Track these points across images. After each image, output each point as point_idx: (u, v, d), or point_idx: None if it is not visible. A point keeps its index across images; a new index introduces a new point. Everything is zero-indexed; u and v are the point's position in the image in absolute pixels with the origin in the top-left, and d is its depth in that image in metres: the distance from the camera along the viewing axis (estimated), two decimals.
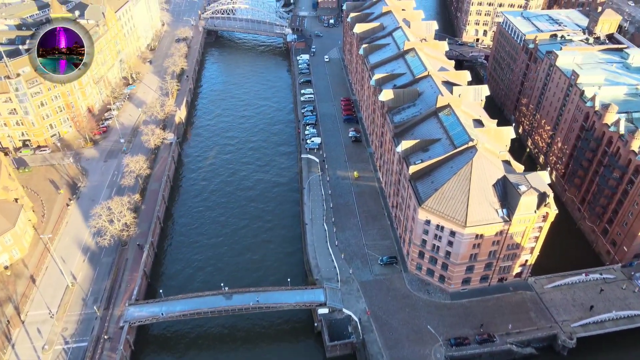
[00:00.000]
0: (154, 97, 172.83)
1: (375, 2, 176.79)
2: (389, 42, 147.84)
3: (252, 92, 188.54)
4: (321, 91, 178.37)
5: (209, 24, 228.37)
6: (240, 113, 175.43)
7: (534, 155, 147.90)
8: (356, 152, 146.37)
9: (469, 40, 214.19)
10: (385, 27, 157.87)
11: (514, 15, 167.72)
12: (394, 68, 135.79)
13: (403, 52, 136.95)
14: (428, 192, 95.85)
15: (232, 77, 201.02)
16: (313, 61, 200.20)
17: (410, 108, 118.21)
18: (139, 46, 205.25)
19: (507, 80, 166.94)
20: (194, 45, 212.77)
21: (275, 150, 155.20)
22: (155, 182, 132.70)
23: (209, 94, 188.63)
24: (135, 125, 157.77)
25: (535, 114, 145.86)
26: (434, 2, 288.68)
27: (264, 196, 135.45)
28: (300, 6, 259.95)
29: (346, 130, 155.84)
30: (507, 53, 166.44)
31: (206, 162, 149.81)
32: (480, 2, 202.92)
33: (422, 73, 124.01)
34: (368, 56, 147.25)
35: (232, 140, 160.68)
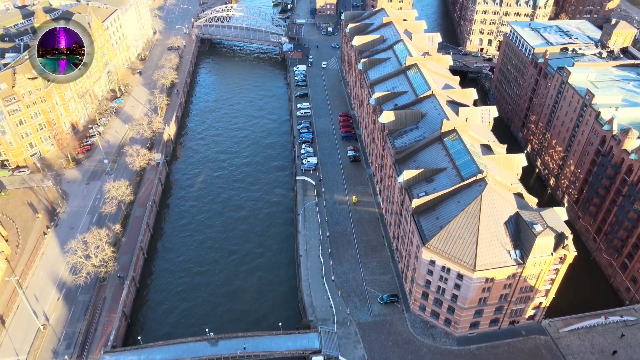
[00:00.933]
0: (143, 112, 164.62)
1: (375, 12, 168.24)
2: (390, 56, 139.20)
3: (246, 105, 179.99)
4: (318, 105, 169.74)
5: (203, 32, 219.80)
6: (233, 128, 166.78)
7: (544, 177, 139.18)
8: (355, 174, 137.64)
9: (473, 49, 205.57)
10: (385, 39, 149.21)
11: (522, 27, 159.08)
12: (395, 85, 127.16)
13: (405, 68, 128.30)
14: (433, 229, 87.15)
15: (225, 88, 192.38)
16: (310, 72, 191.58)
17: (412, 131, 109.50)
18: (128, 56, 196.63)
19: (514, 95, 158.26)
20: (186, 54, 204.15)
21: (269, 169, 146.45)
22: (140, 207, 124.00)
23: (200, 108, 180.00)
24: (121, 143, 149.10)
25: (545, 133, 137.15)
26: (435, 9, 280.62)
27: (256, 222, 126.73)
28: (297, 13, 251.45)
29: (344, 148, 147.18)
30: (514, 66, 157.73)
31: (195, 182, 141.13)
32: (485, 10, 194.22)
33: (426, 92, 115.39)
34: (367, 71, 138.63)
35: (223, 158, 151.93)
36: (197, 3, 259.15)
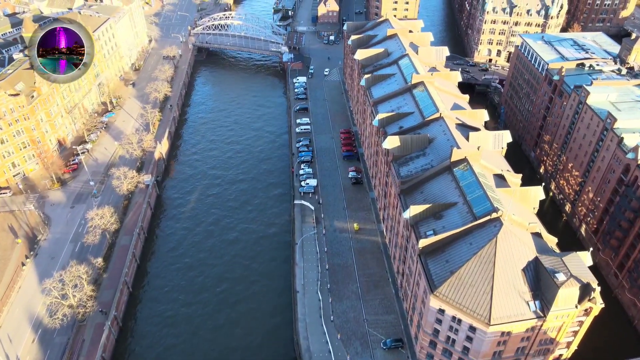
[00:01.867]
0: (134, 127, 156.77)
1: (379, 23, 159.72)
2: (395, 72, 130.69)
3: (243, 119, 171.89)
4: (319, 120, 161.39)
5: (200, 40, 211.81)
6: (228, 143, 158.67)
7: (559, 202, 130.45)
8: (356, 197, 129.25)
9: (481, 60, 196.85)
10: (390, 53, 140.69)
11: (534, 39, 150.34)
12: (400, 105, 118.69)
13: (410, 86, 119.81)
14: (442, 274, 78.64)
15: (222, 101, 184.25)
16: (311, 84, 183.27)
17: (419, 158, 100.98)
18: (121, 67, 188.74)
19: (526, 111, 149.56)
20: (182, 64, 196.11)
21: (266, 190, 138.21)
22: (127, 235, 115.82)
23: (195, 121, 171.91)
24: (110, 162, 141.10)
25: (560, 155, 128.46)
26: (441, 16, 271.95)
27: (249, 248, 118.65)
28: (299, 20, 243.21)
29: (345, 169, 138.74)
30: (526, 81, 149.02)
31: (187, 203, 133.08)
32: (494, 20, 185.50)
33: (433, 114, 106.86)
34: (371, 88, 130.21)
35: (217, 176, 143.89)
36: (195, 9, 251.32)
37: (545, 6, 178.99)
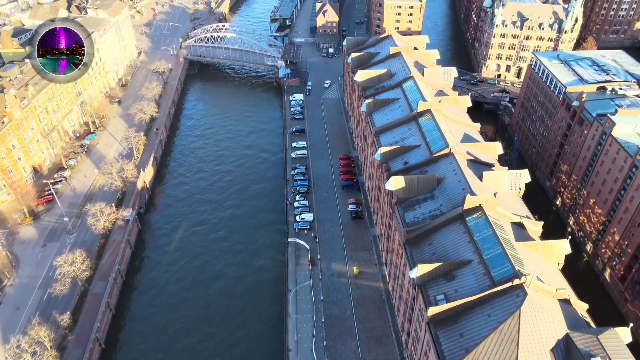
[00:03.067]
0: (118, 151, 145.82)
1: (381, 39, 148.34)
2: (399, 97, 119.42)
3: (235, 141, 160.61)
4: (316, 144, 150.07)
5: (192, 53, 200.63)
6: (219, 168, 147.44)
7: (579, 239, 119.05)
8: (356, 234, 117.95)
9: (489, 75, 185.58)
10: (393, 74, 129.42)
11: (549, 58, 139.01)
12: (404, 135, 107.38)
13: (416, 114, 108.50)
14: (455, 351, 67.19)
15: (213, 119, 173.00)
16: (308, 102, 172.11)
17: (427, 201, 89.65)
18: (107, 82, 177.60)
19: (541, 136, 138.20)
20: (171, 80, 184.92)
21: (258, 222, 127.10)
22: (102, 280, 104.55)
23: (184, 144, 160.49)
24: (89, 192, 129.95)
25: (580, 188, 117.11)
26: (445, 25, 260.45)
27: (239, 299, 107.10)
28: (296, 30, 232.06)
29: (344, 200, 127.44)
30: (540, 103, 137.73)
31: (172, 240, 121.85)
32: (504, 34, 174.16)
33: (442, 149, 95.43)
34: (372, 114, 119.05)
35: (206, 206, 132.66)
36: (188, 19, 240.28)
37: (558, 20, 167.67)
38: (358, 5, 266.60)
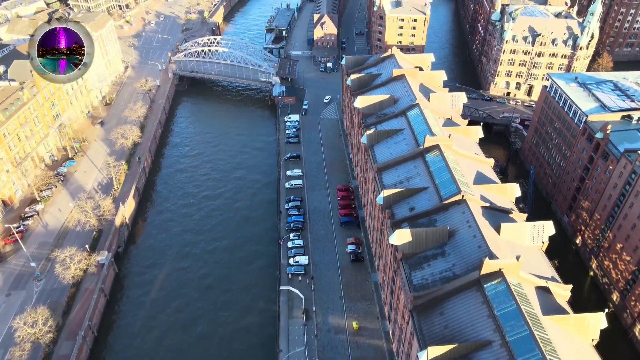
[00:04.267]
0: (97, 180, 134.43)
1: (383, 59, 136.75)
2: (403, 127, 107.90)
3: (225, 165, 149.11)
4: (313, 172, 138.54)
5: (181, 67, 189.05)
6: (208, 198, 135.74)
7: (603, 286, 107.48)
8: (356, 280, 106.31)
9: (498, 93, 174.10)
10: (396, 100, 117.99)
11: (566, 81, 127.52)
12: (410, 174, 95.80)
13: (423, 150, 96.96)
14: None
15: (203, 141, 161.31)
16: (304, 123, 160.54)
17: (437, 259, 78.01)
18: (89, 102, 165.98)
19: (557, 166, 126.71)
20: (159, 98, 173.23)
21: (247, 263, 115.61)
22: (69, 339, 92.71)
23: (171, 169, 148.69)
24: (63, 229, 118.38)
25: (605, 230, 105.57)
26: (448, 36, 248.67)
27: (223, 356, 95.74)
28: (293, 42, 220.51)
29: (343, 239, 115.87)
30: (557, 130, 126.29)
31: (153, 284, 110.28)
32: (514, 50, 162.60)
33: (453, 196, 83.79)
34: (374, 147, 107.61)
35: (192, 242, 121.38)
36: (179, 30, 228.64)
37: (573, 35, 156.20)
38: (358, 14, 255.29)
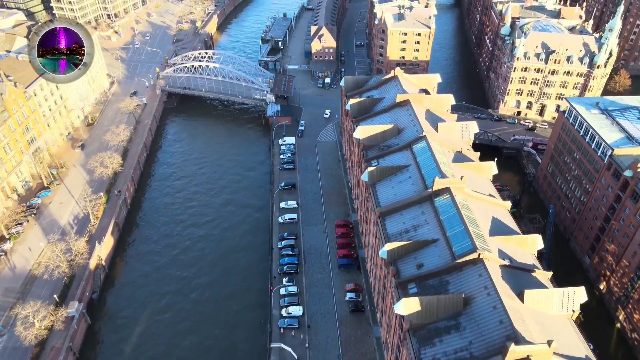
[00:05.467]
0: (73, 213, 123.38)
1: (385, 81, 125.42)
2: (409, 163, 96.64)
3: (215, 194, 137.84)
4: (309, 203, 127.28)
5: (170, 83, 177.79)
6: (193, 233, 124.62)
7: (631, 341, 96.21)
8: (356, 335, 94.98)
9: (507, 112, 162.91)
10: (401, 129, 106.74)
11: (587, 106, 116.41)
12: (417, 222, 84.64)
13: (432, 193, 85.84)
14: None
15: (191, 165, 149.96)
16: (301, 146, 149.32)
17: (452, 335, 66.60)
18: (70, 122, 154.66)
19: (577, 200, 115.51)
20: (145, 118, 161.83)
21: (235, 313, 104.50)
22: None
23: (155, 200, 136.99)
24: (31, 272, 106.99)
25: (635, 280, 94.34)
26: (453, 47, 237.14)
27: None
28: (290, 54, 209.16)
29: (341, 284, 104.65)
30: (576, 161, 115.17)
31: (129, 336, 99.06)
32: (526, 67, 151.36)
33: (468, 253, 72.61)
34: (376, 185, 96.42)
35: (174, 287, 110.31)
36: (170, 41, 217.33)
37: (589, 53, 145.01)
38: (358, 24, 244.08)
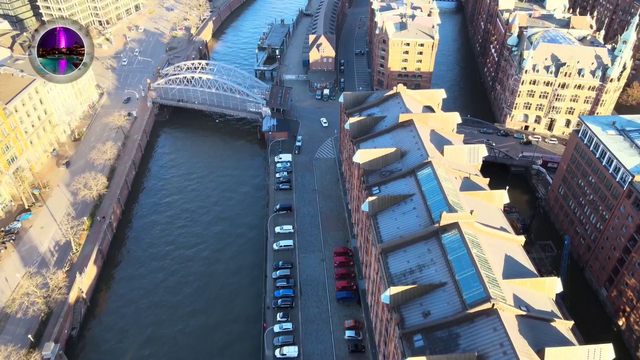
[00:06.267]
0: (55, 240, 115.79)
1: (386, 98, 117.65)
2: (413, 192, 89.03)
3: (207, 216, 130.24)
4: (305, 228, 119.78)
5: (162, 95, 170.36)
6: (182, 263, 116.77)
7: None
8: None
9: (514, 127, 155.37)
10: (404, 153, 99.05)
11: (602, 126, 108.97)
12: (423, 261, 76.99)
13: (439, 229, 78.37)
14: None
15: (182, 182, 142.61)
16: (297, 163, 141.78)
17: None
18: (55, 138, 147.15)
19: (593, 227, 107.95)
20: (135, 132, 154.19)
21: (221, 349, 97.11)
22: None
23: (143, 222, 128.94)
24: (5, 308, 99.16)
25: None
26: (456, 55, 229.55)
27: None
28: (287, 63, 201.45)
29: (340, 320, 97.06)
30: (592, 185, 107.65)
31: None
32: (535, 80, 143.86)
33: (481, 303, 65.05)
34: (378, 216, 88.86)
35: (160, 318, 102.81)
36: (163, 49, 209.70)
37: (602, 66, 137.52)
38: (358, 30, 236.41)
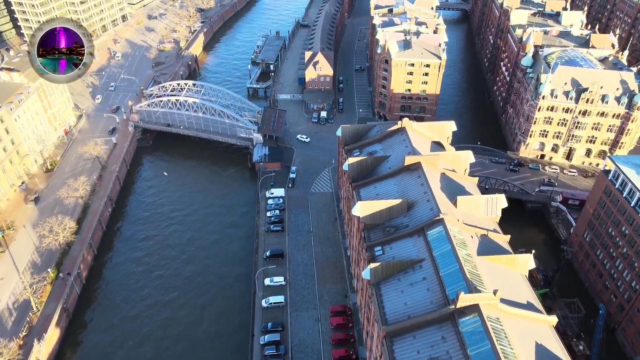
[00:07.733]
0: (15, 294, 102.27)
1: (390, 134, 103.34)
2: (422, 257, 75.61)
3: (188, 266, 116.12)
4: (299, 279, 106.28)
5: (145, 118, 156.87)
6: (156, 326, 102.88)
7: None
8: None
9: (529, 155, 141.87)
10: (411, 204, 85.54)
11: (636, 169, 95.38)
12: (436, 353, 63.56)
13: (454, 311, 64.90)
14: None
15: (162, 220, 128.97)
16: (291, 199, 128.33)
17: None
18: (24, 169, 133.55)
19: (626, 284, 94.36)
20: (113, 162, 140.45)
21: None
22: None
23: (117, 272, 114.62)
24: None
25: None
26: (462, 70, 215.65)
27: None
28: (282, 81, 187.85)
29: None
30: (625, 237, 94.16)
31: None
32: (553, 107, 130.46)
33: None
34: (381, 286, 75.41)
35: None
36: (149, 65, 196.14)
37: (629, 92, 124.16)
38: (358, 44, 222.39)
